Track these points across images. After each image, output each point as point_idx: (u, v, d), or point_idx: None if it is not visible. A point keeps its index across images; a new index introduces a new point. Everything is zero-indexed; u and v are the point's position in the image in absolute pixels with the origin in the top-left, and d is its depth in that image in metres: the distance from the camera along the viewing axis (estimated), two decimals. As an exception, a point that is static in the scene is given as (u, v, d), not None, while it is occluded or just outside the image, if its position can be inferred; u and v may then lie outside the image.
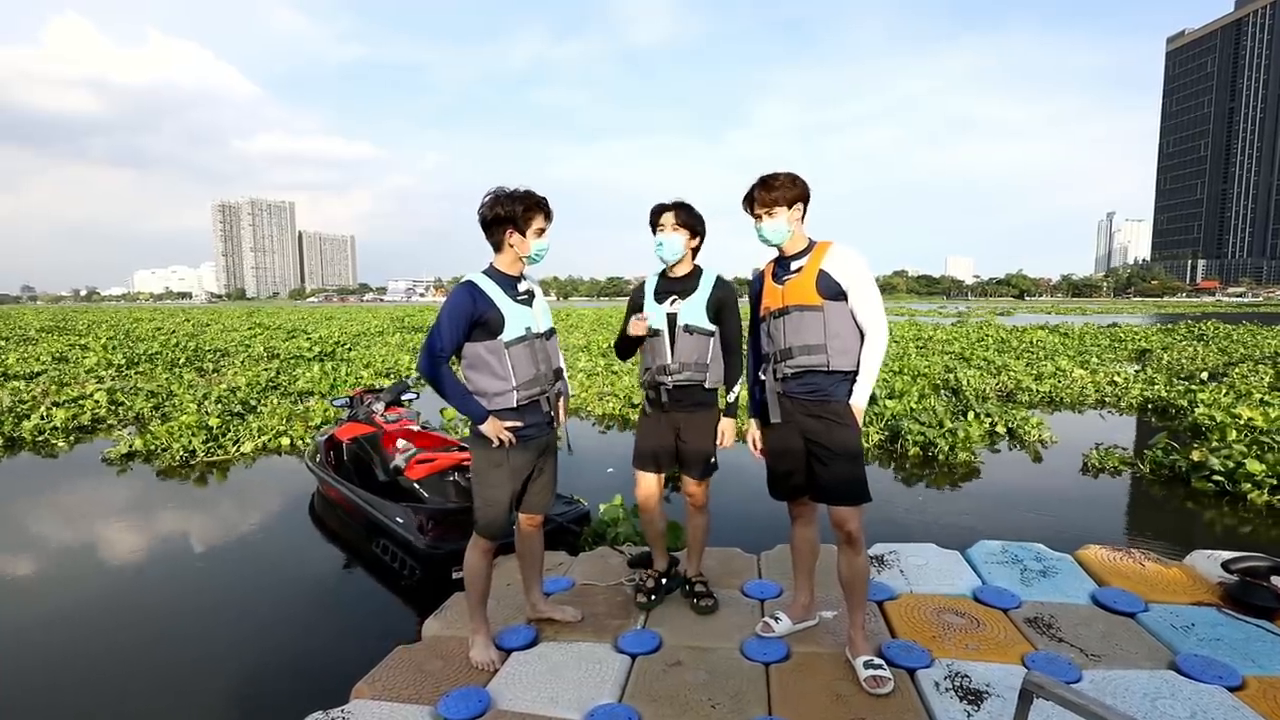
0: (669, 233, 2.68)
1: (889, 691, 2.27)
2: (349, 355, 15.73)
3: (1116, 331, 21.56)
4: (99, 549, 4.54)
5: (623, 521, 4.21)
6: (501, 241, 2.43)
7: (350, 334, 22.77)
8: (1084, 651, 2.55)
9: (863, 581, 2.45)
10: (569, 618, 2.84)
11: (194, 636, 3.32)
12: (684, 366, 2.69)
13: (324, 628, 3.41)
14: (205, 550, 4.52)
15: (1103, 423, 8.48)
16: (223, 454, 6.87)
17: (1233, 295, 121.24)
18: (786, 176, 2.39)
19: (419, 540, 3.62)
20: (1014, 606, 2.93)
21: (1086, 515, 5.05)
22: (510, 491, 2.51)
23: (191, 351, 16.28)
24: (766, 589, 3.11)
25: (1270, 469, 5.31)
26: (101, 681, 2.93)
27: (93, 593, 3.86)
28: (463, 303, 2.34)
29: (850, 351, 2.36)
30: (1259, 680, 2.34)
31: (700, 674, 2.43)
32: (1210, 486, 5.46)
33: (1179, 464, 5.83)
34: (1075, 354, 14.89)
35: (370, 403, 5.11)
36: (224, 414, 8.21)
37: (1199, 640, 2.60)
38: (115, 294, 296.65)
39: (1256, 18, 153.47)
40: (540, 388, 2.50)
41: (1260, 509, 5.10)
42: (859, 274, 2.35)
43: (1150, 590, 3.04)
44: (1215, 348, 16.19)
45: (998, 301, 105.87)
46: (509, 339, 2.40)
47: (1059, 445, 7.06)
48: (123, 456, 6.76)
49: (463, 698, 2.27)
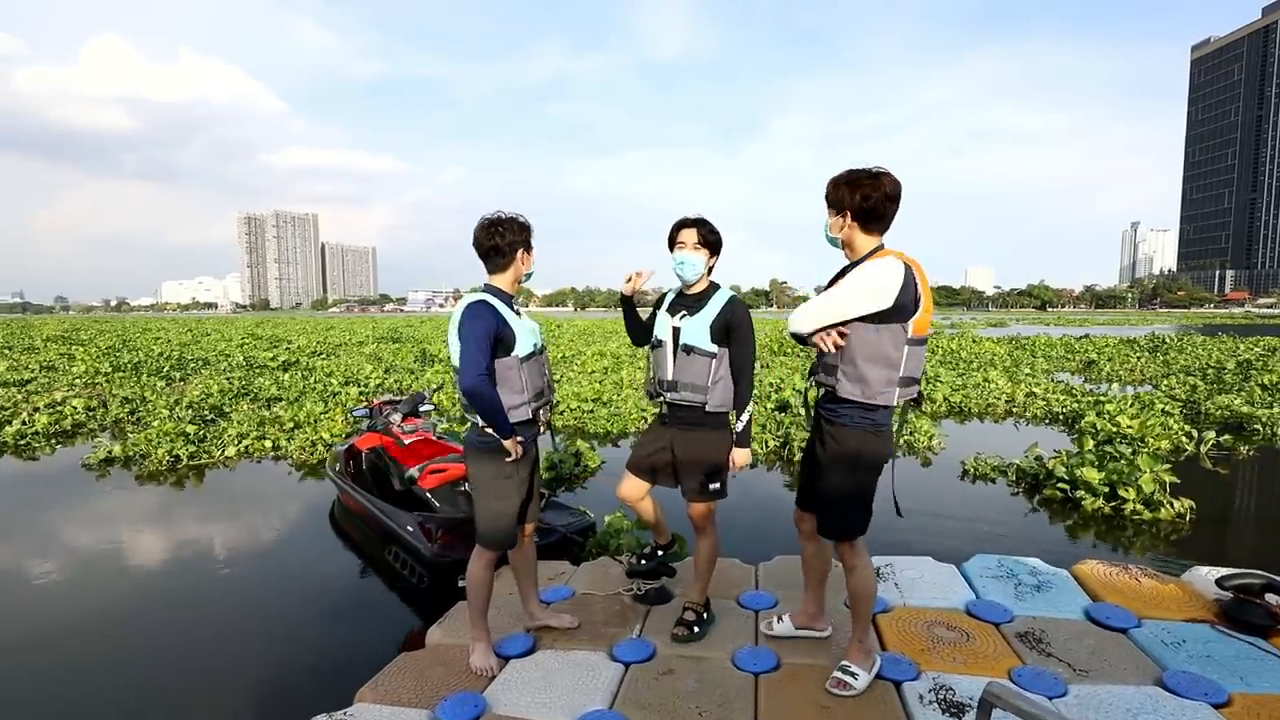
0: (689, 251, 2.64)
1: (847, 694, 2.34)
2: (314, 364, 15.97)
3: (1073, 343, 21.89)
4: (107, 554, 4.70)
5: (627, 533, 4.30)
6: (511, 262, 2.56)
7: (331, 344, 23.29)
8: (1072, 666, 2.58)
9: (859, 598, 2.43)
10: (565, 624, 2.93)
11: (203, 641, 3.45)
12: (682, 385, 2.65)
13: (335, 633, 3.53)
14: (206, 554, 4.66)
15: (1003, 433, 8.70)
16: (207, 458, 7.16)
17: (1262, 306, 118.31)
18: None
19: (427, 548, 3.74)
20: (1006, 621, 2.96)
21: (936, 520, 5.16)
22: (520, 501, 2.62)
23: (174, 361, 16.71)
24: (762, 600, 3.18)
25: (1106, 477, 5.41)
26: (112, 683, 3.07)
27: (103, 597, 4.01)
28: (488, 322, 2.43)
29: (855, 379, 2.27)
30: (1245, 698, 2.35)
31: (690, 682, 2.50)
32: (1058, 494, 5.60)
33: (1037, 472, 6.05)
34: (1014, 366, 15.12)
35: (388, 413, 5.26)
36: (196, 419, 8.64)
37: (1189, 657, 2.62)
38: (144, 304, 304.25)
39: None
40: (545, 399, 2.65)
41: (1091, 515, 5.24)
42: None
43: (1145, 606, 3.05)
44: (1161, 360, 16.49)
45: (1019, 312, 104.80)
46: (523, 355, 2.53)
47: (948, 452, 7.35)
48: (101, 462, 7.03)
49: (460, 703, 2.37)
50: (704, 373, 2.62)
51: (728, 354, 2.64)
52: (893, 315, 2.15)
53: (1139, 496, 5.17)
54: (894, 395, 2.21)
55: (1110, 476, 5.39)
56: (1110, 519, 5.16)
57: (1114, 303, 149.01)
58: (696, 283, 2.70)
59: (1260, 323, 52.63)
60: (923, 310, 2.18)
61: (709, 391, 2.62)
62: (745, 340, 2.64)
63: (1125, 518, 5.11)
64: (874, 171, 2.22)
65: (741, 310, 2.65)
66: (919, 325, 2.19)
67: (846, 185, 2.22)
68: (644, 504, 2.96)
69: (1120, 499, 5.22)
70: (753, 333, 2.66)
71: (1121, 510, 5.17)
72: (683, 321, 2.68)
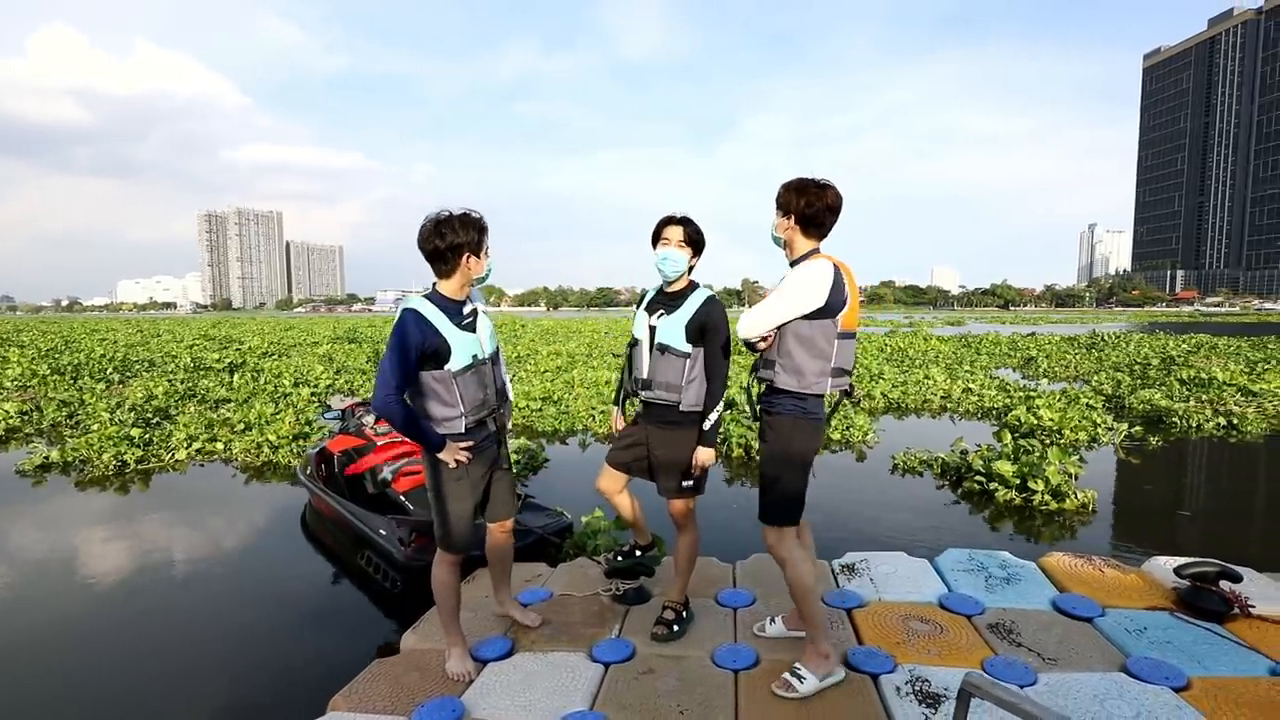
0: (673, 248, 2.64)
1: (790, 696, 2.34)
2: (264, 365, 15.66)
3: (1017, 341, 22.94)
4: (59, 564, 4.52)
5: (604, 533, 4.28)
6: (456, 267, 2.42)
7: (285, 345, 22.91)
8: (1041, 655, 2.65)
9: (797, 595, 2.44)
10: (528, 621, 2.94)
11: (173, 650, 3.34)
12: (657, 384, 2.67)
13: (306, 640, 3.44)
14: (165, 562, 4.51)
15: (938, 428, 9.00)
16: (157, 462, 6.95)
17: (1210, 305, 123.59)
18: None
19: (400, 552, 3.67)
20: (977, 613, 3.02)
21: (861, 512, 5.37)
22: (473, 502, 2.58)
23: (117, 363, 16.19)
24: (740, 597, 3.19)
25: (1018, 470, 5.65)
26: (81, 693, 2.94)
27: (69, 606, 3.85)
28: (410, 336, 2.30)
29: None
30: (1203, 680, 2.45)
31: (670, 681, 2.50)
32: (975, 486, 5.85)
33: (960, 466, 6.28)
34: (956, 364, 15.66)
35: (361, 415, 5.16)
36: (139, 422, 8.40)
37: (1150, 643, 2.71)
38: (98, 304, 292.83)
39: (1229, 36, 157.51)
40: (488, 410, 2.56)
41: (1005, 506, 5.48)
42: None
43: (1108, 595, 3.15)
44: (1095, 356, 17.37)
45: (981, 311, 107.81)
46: (456, 369, 2.41)
47: (881, 447, 7.60)
48: (37, 468, 6.76)
49: (437, 708, 2.33)
50: (678, 372, 2.64)
51: (702, 353, 2.64)
52: (824, 312, 2.32)
53: (1047, 488, 5.42)
54: (827, 385, 2.37)
55: (1022, 469, 5.63)
56: (1021, 509, 5.41)
57: (1073, 302, 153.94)
58: (676, 280, 2.71)
59: (1201, 320, 55.46)
60: (849, 308, 2.37)
61: (683, 391, 2.64)
62: (720, 341, 2.64)
63: (1034, 508, 5.37)
64: (821, 183, 2.39)
65: (718, 311, 2.66)
66: (847, 320, 2.37)
67: (795, 191, 2.38)
68: (622, 498, 2.96)
69: (1030, 490, 5.48)
70: (729, 334, 2.66)
71: (1031, 501, 5.43)
72: (659, 320, 2.68)
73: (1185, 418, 8.97)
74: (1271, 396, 10.51)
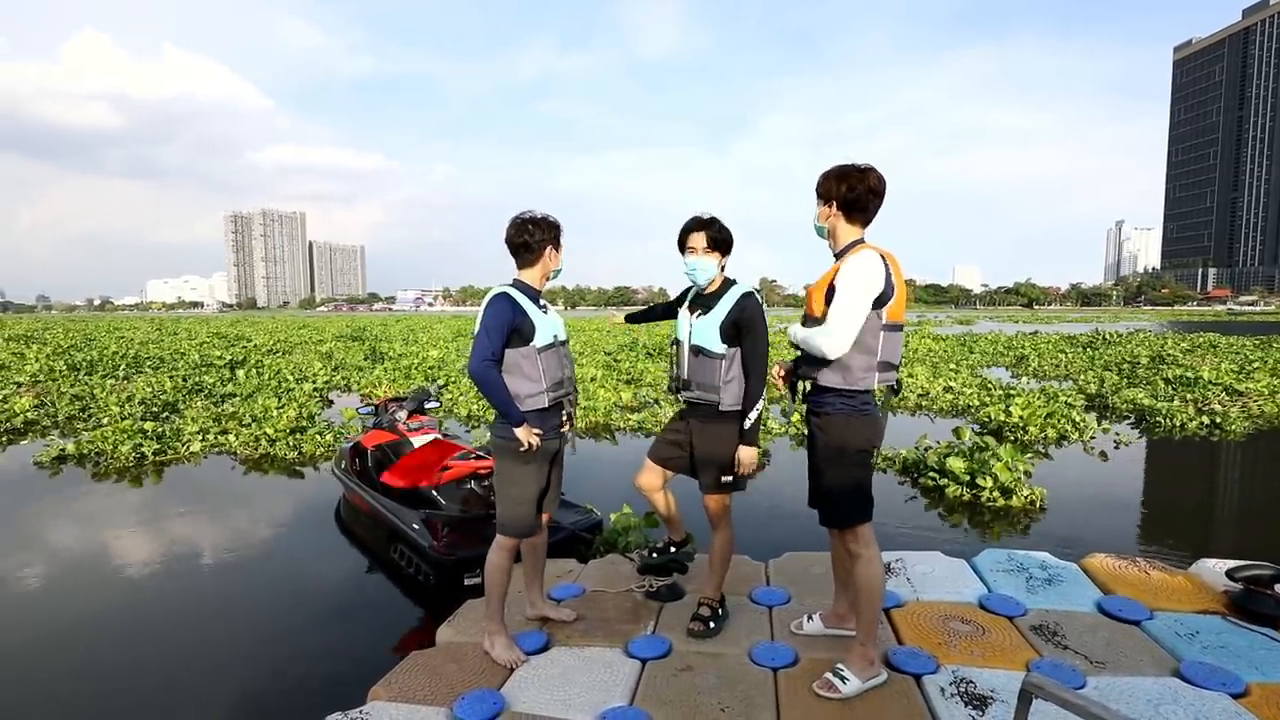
0: (700, 257, 2.62)
1: (832, 696, 2.30)
2: (265, 362, 15.88)
3: (1013, 340, 22.76)
4: (94, 555, 4.62)
5: (634, 530, 4.27)
6: (539, 258, 2.63)
7: (291, 343, 23.22)
8: (1088, 659, 2.58)
9: (864, 592, 2.37)
10: (564, 617, 2.96)
11: (216, 639, 3.40)
12: (696, 385, 2.66)
13: (342, 632, 3.48)
14: (193, 554, 4.59)
15: (913, 425, 8.94)
16: (173, 454, 7.11)
17: (1243, 303, 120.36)
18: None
19: (432, 546, 3.69)
20: (1019, 614, 2.96)
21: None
22: (539, 488, 2.66)
23: (129, 359, 16.56)
24: (774, 595, 3.16)
25: (969, 467, 5.65)
26: (128, 682, 3.01)
27: (108, 598, 3.94)
28: (503, 312, 2.52)
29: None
30: (1263, 687, 2.36)
31: (710, 678, 2.48)
32: (929, 482, 5.82)
33: (919, 462, 6.31)
34: (943, 362, 15.53)
35: (394, 410, 5.22)
36: (147, 415, 8.63)
37: (1203, 648, 2.63)
38: (129, 303, 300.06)
39: (1265, 26, 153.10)
40: (565, 390, 2.68)
41: (955, 502, 5.49)
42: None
43: (1155, 598, 3.07)
44: (1088, 355, 17.21)
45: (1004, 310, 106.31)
46: (540, 345, 2.58)
47: None
48: (54, 460, 6.91)
49: (478, 700, 2.33)
50: (715, 374, 2.61)
51: (739, 352, 2.61)
52: (871, 304, 2.25)
53: (995, 485, 5.45)
54: (874, 379, 2.30)
55: (973, 466, 5.66)
56: (971, 505, 5.43)
57: (1099, 300, 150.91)
58: (709, 284, 2.71)
59: (1229, 319, 54.32)
60: (896, 299, 2.28)
61: (721, 391, 2.62)
62: (756, 338, 2.60)
63: (983, 504, 5.39)
64: (861, 167, 2.33)
65: (752, 306, 2.60)
66: (894, 312, 2.29)
67: (835, 178, 2.34)
68: (660, 495, 2.95)
69: (979, 487, 5.51)
70: (765, 329, 2.63)
71: (979, 497, 5.44)
72: (696, 321, 2.68)
73: (1169, 416, 8.87)
74: (1257, 395, 10.42)
